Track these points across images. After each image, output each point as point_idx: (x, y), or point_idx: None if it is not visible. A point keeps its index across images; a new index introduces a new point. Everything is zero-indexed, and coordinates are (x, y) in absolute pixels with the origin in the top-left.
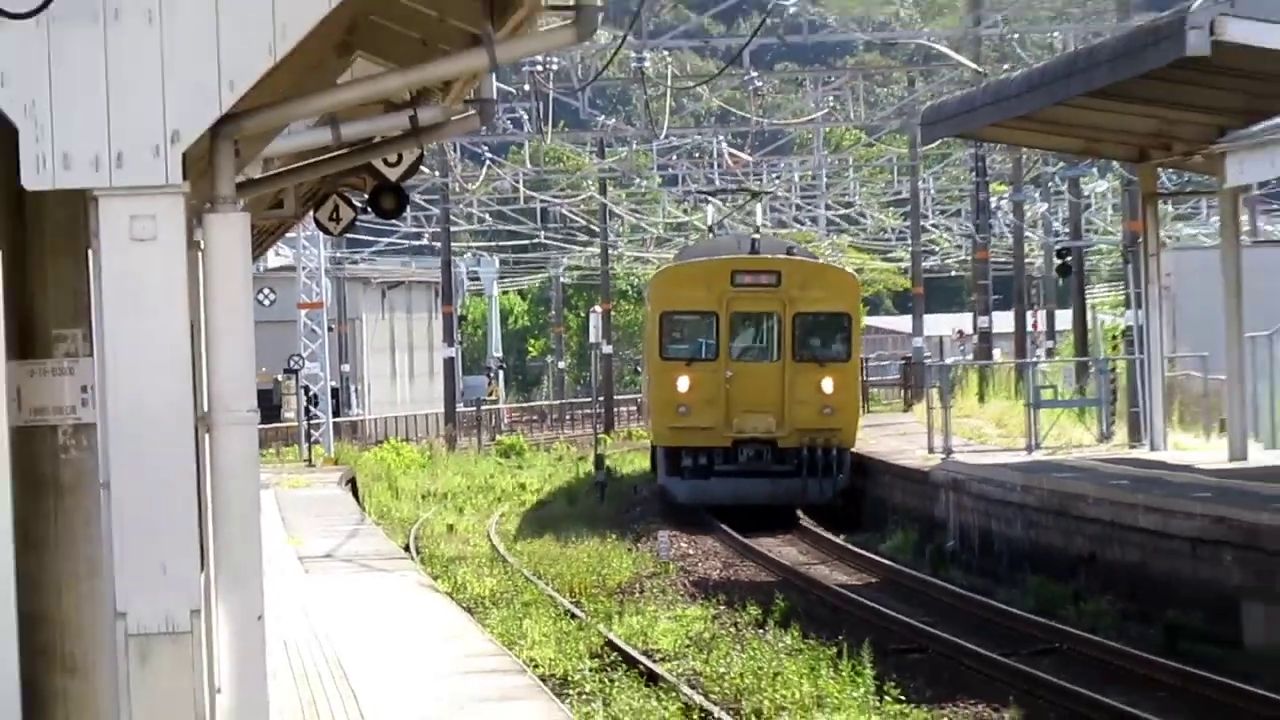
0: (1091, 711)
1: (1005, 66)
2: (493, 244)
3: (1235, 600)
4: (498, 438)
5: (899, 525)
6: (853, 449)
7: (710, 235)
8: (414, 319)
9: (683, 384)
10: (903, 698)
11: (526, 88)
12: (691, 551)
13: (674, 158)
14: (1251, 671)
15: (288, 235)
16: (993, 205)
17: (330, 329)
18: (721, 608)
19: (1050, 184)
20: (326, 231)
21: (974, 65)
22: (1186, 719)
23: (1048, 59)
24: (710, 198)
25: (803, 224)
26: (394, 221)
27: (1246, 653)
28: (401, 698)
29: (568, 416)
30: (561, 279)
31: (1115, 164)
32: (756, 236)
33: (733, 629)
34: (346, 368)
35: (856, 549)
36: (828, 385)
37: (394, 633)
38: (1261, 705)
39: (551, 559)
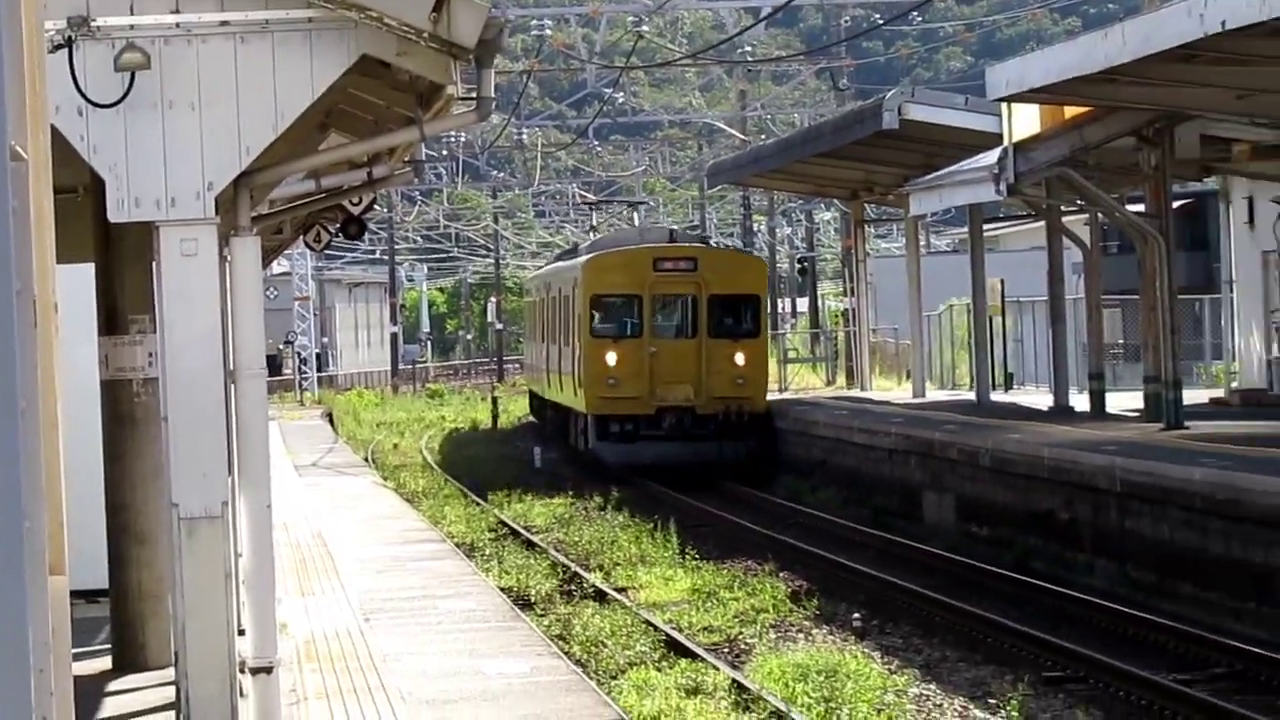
0: (822, 564)
1: (763, 137)
2: (422, 256)
3: (918, 491)
4: (427, 385)
5: None
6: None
7: (593, 236)
8: (370, 307)
9: (611, 358)
10: (698, 556)
11: (444, 152)
12: (556, 459)
13: (543, 199)
14: (927, 537)
15: (285, 251)
16: (755, 229)
17: (314, 314)
18: (576, 498)
19: (793, 214)
20: (312, 249)
21: (742, 136)
22: (886, 568)
23: (791, 132)
24: (593, 207)
25: None
26: (357, 242)
27: (925, 525)
28: (364, 557)
29: (473, 371)
30: (468, 279)
31: (836, 200)
32: (675, 228)
33: (584, 512)
34: (325, 339)
35: None
36: (740, 359)
37: (357, 515)
38: (932, 559)
39: (463, 466)
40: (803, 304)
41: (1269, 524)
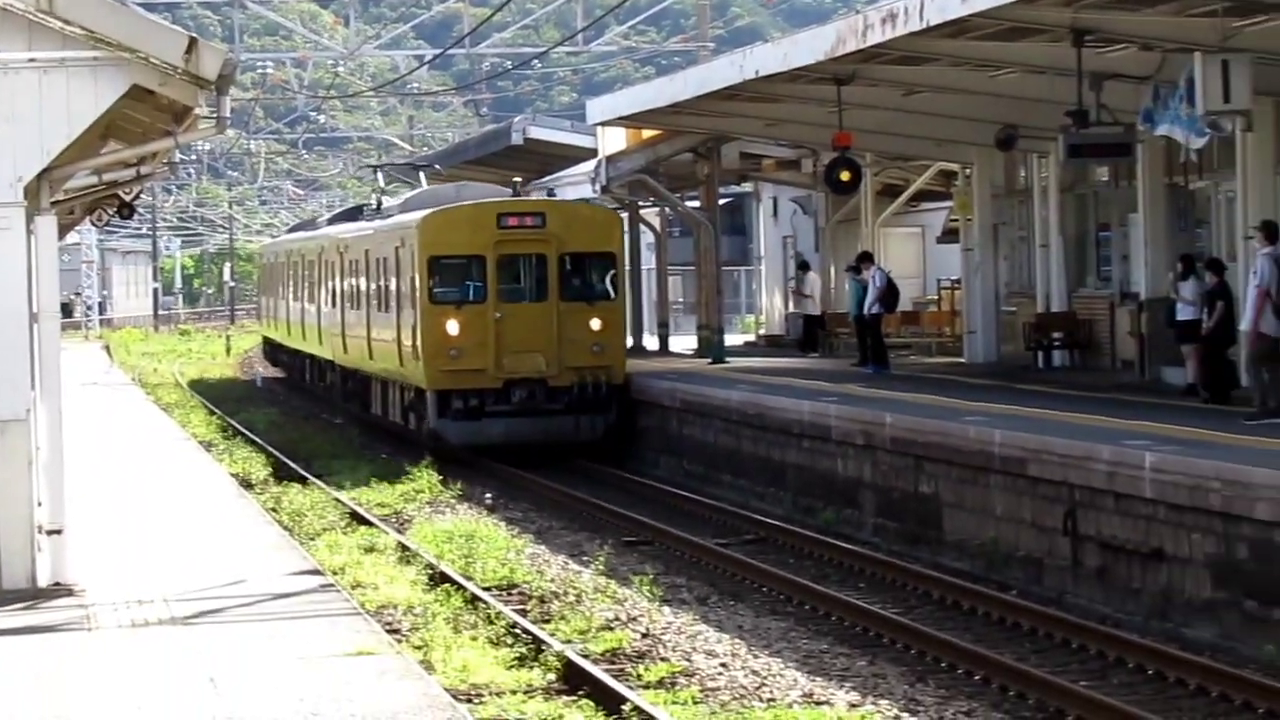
0: (466, 458)
1: (425, 149)
2: (177, 232)
3: None
4: (178, 326)
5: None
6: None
7: (379, 199)
8: (138, 269)
9: (452, 327)
10: (368, 451)
11: (193, 156)
12: (273, 377)
13: (265, 191)
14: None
15: (75, 227)
16: None
17: (97, 274)
18: (292, 409)
19: None
20: (95, 226)
21: (410, 148)
22: (511, 461)
23: (445, 146)
24: (378, 170)
25: None
26: (128, 221)
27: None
28: (130, 450)
29: (213, 316)
30: (210, 249)
31: None
32: (518, 180)
33: (298, 418)
34: (105, 293)
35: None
36: (596, 324)
37: (126, 421)
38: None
39: (204, 385)
40: None
41: (783, 431)
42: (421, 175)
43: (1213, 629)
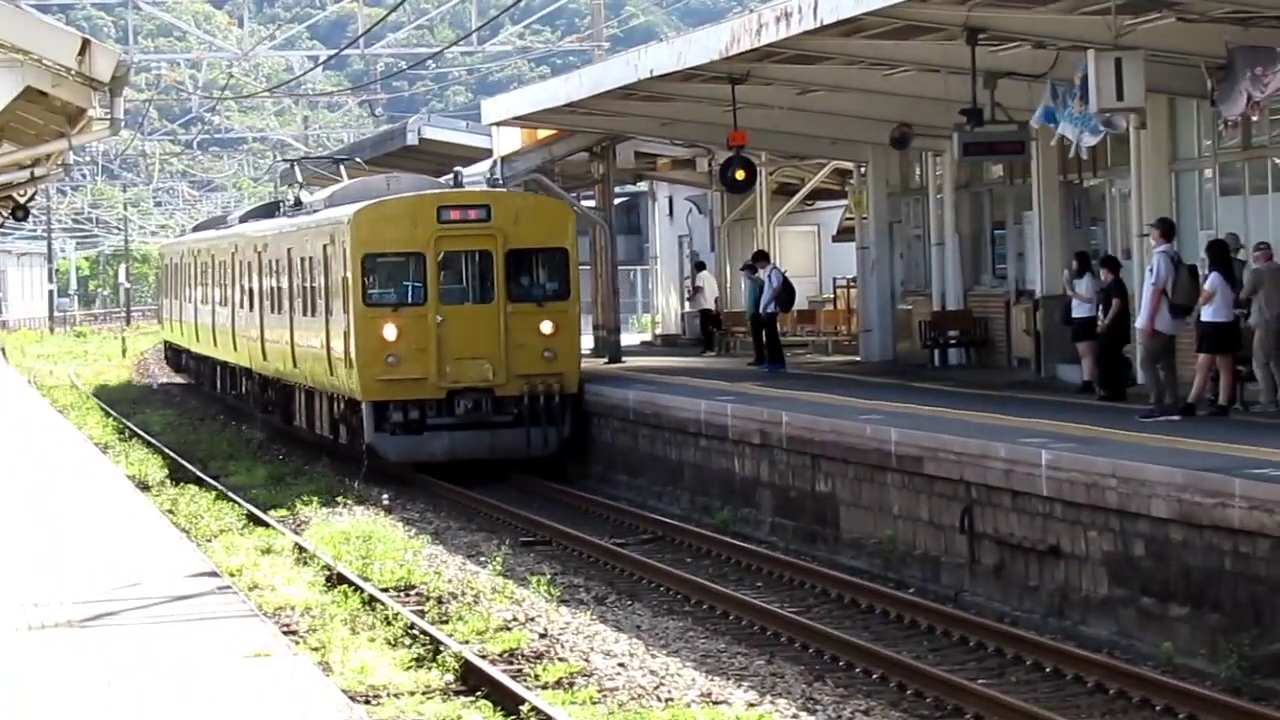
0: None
1: (320, 149)
2: (72, 233)
3: None
4: (74, 328)
5: None
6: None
7: (297, 193)
8: (33, 271)
9: (389, 332)
10: (264, 452)
11: (88, 157)
12: (171, 383)
13: (159, 193)
14: None
15: None
16: None
17: None
18: (188, 410)
19: None
20: None
21: (305, 149)
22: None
23: (340, 147)
24: (295, 164)
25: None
26: (24, 223)
27: None
28: (27, 452)
29: (109, 318)
30: (105, 251)
31: None
32: (459, 169)
33: (190, 421)
34: (1, 294)
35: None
36: (547, 327)
37: (22, 422)
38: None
39: (99, 386)
40: None
41: (680, 430)
42: (342, 169)
43: (1110, 626)
